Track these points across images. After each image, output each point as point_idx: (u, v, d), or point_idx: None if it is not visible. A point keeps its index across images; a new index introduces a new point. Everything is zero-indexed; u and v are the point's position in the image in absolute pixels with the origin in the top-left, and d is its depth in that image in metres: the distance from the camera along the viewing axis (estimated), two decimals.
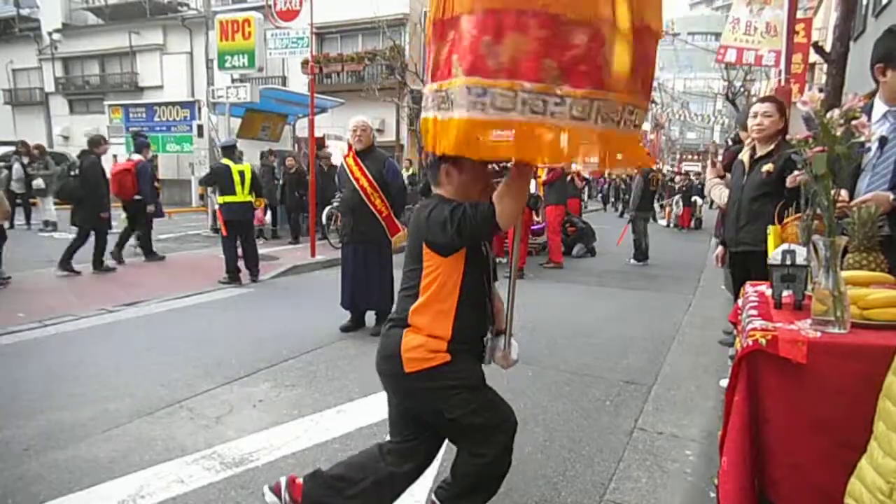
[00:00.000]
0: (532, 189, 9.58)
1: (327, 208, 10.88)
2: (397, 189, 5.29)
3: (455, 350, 2.02)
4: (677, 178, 19.14)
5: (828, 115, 1.52)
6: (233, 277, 7.45)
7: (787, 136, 2.93)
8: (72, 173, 7.75)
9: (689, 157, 49.34)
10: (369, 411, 3.55)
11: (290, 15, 9.40)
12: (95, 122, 21.58)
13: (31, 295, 6.60)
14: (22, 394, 3.82)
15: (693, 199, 16.58)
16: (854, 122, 1.51)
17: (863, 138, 1.57)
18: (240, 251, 7.64)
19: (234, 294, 7.09)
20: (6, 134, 21.88)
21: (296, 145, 14.30)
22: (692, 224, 16.82)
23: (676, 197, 17.21)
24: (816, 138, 1.55)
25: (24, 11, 26.29)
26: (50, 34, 23.32)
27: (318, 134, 11.40)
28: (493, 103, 1.57)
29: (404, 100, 16.69)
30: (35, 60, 24.16)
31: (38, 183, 12.05)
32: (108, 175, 8.13)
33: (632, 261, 9.98)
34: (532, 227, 10.38)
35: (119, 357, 4.62)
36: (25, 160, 12.40)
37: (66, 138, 22.49)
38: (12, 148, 13.22)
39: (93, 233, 7.81)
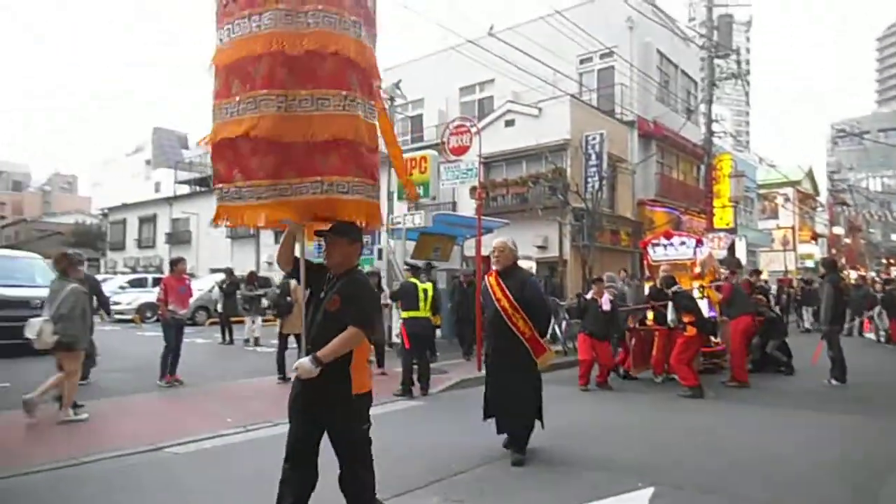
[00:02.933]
0: (706, 312, 9.07)
1: None
2: (538, 308, 5.12)
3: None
4: (877, 286, 16.75)
5: None
6: (406, 390, 7.85)
7: None
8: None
9: None
10: None
11: (461, 150, 10.41)
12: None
13: (238, 402, 7.51)
14: (229, 493, 4.33)
15: None
16: None
17: None
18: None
19: (407, 406, 7.43)
20: (224, 262, 25.84)
21: (464, 263, 15.09)
22: None
23: (877, 308, 15.06)
24: None
25: None
26: None
27: (485, 252, 12.01)
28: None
29: (567, 217, 17.06)
30: None
31: (264, 302, 14.06)
32: None
33: (832, 381, 8.80)
34: (709, 349, 9.73)
35: None
36: (224, 284, 14.75)
37: (269, 264, 25.88)
38: (221, 275, 15.84)
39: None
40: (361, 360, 3.22)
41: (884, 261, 45.28)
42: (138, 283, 22.01)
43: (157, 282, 13.29)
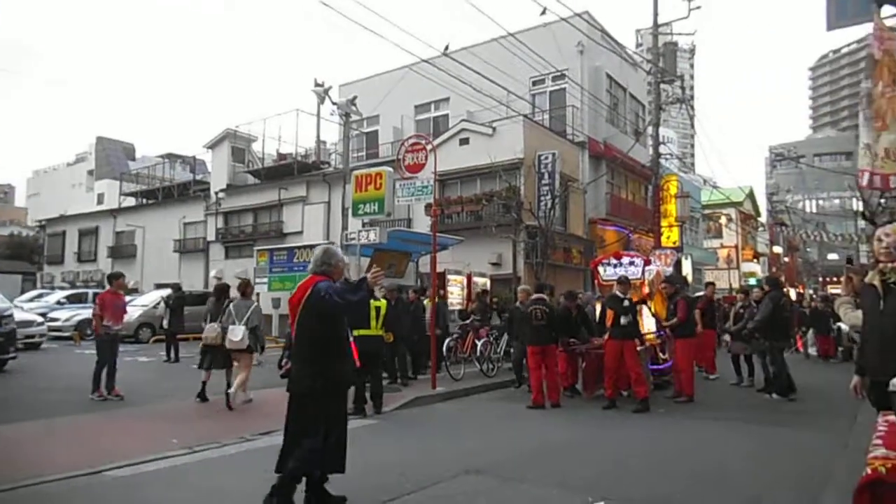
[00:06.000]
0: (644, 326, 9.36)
1: (447, 340, 11.20)
2: None
3: None
4: (814, 304, 17.50)
5: None
6: (359, 409, 7.76)
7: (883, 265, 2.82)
8: None
9: (834, 279, 45.42)
10: None
11: (416, 168, 10.47)
12: (244, 265, 24.21)
13: (183, 423, 7.26)
14: None
15: (836, 325, 14.94)
16: None
17: None
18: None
19: (359, 426, 7.31)
20: (173, 277, 25.08)
21: (419, 280, 15.10)
22: (839, 355, 15.17)
23: (810, 330, 15.88)
24: None
25: (199, 176, 31.26)
26: (216, 193, 27.27)
27: (439, 269, 12.07)
28: None
29: (520, 235, 17.31)
30: (202, 215, 28.10)
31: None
32: None
33: (774, 395, 9.16)
34: (658, 367, 9.97)
35: (252, 485, 4.91)
36: (170, 300, 14.37)
37: (219, 279, 25.23)
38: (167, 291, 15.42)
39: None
40: None
41: (820, 279, 47.57)
42: (77, 299, 21.08)
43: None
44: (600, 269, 10.95)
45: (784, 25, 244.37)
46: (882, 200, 23.30)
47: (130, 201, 34.33)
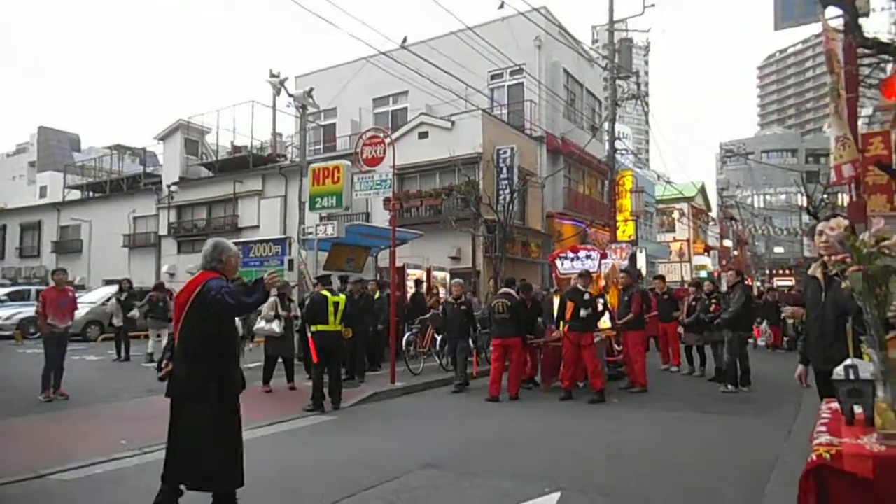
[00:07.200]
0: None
1: (407, 334, 11.17)
2: None
3: None
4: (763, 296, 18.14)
5: (859, 239, 1.60)
6: (317, 405, 7.67)
7: (826, 258, 2.94)
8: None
9: (780, 271, 47.25)
10: None
11: (375, 161, 10.37)
12: (198, 260, 23.62)
13: (132, 423, 7.02)
14: None
15: (783, 317, 15.65)
16: (884, 244, 1.57)
17: None
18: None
19: (317, 422, 7.26)
20: (122, 272, 24.23)
21: (378, 274, 14.99)
22: (785, 344, 15.83)
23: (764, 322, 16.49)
24: (852, 259, 1.63)
25: (149, 169, 30.25)
26: (168, 186, 26.46)
27: (398, 264, 12.00)
28: None
29: (479, 229, 17.38)
30: (153, 209, 27.24)
31: (134, 314, 13.17)
32: None
33: (728, 386, 9.39)
34: (612, 359, 10.16)
35: None
36: (122, 296, 13.63)
37: (171, 275, 24.57)
38: (116, 287, 14.81)
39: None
40: None
41: (767, 271, 49.39)
42: (19, 296, 20.19)
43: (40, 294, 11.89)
44: (558, 262, 11.09)
45: (734, 25, 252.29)
46: (825, 196, 24.36)
47: (76, 194, 33.03)
